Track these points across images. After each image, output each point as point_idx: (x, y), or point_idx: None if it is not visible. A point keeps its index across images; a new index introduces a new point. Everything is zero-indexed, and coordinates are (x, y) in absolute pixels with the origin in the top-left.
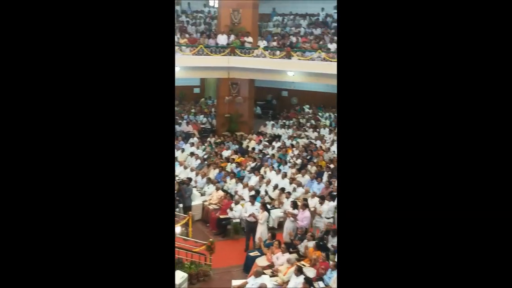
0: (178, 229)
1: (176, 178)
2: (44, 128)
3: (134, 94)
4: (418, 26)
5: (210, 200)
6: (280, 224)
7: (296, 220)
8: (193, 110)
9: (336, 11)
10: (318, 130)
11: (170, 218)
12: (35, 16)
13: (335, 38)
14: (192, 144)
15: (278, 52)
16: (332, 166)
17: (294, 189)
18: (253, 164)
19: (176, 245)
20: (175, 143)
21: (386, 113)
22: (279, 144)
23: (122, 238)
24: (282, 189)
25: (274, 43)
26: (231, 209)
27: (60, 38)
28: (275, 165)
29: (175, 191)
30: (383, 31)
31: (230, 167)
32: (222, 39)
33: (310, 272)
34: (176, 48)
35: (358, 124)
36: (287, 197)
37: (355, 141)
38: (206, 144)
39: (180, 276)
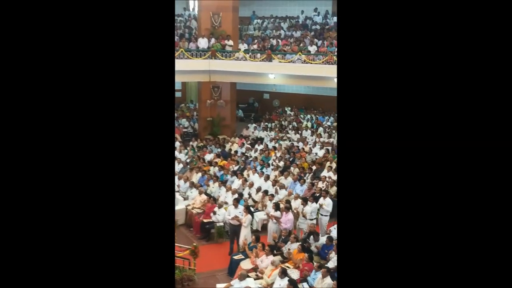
0: None
1: None
2: (45, 129)
3: (134, 96)
4: (419, 27)
5: (193, 204)
6: (264, 227)
7: (280, 223)
8: (175, 114)
9: (315, 13)
10: (300, 132)
11: (170, 219)
12: (35, 17)
13: (315, 40)
14: (175, 148)
15: (259, 55)
16: (314, 167)
17: (277, 191)
18: (236, 167)
19: None
20: None
21: (386, 113)
22: (261, 146)
23: (122, 239)
24: (265, 192)
25: (255, 46)
26: (215, 213)
27: (58, 39)
28: (258, 168)
29: None
30: (383, 32)
31: (213, 170)
32: (202, 43)
33: (294, 274)
34: None
35: (357, 123)
36: (270, 200)
37: (354, 141)
38: (188, 148)
39: None
